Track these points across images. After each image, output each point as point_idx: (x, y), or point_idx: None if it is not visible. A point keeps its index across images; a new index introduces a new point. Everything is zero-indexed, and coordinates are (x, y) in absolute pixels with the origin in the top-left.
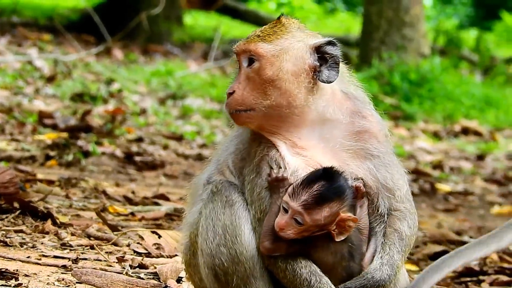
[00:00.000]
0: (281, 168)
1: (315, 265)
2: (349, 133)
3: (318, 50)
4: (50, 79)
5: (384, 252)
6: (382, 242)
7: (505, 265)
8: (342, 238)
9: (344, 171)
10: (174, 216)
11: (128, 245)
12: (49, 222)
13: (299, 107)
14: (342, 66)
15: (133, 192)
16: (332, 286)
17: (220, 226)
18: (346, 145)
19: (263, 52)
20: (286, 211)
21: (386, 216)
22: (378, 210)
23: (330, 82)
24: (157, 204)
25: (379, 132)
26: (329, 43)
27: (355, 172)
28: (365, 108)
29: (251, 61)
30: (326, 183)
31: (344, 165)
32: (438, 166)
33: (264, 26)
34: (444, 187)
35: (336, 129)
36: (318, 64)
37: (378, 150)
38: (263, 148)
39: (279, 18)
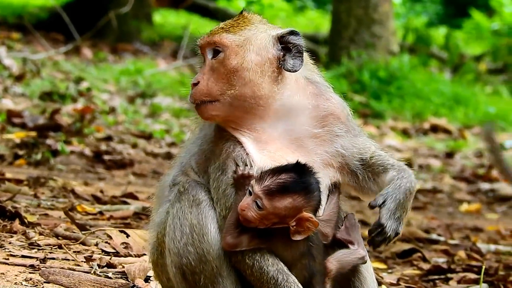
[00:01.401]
0: (246, 165)
1: (282, 263)
2: (315, 119)
3: (281, 40)
4: (19, 78)
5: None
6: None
7: (473, 263)
8: (299, 238)
9: (319, 173)
10: (142, 215)
11: (96, 244)
12: (17, 221)
13: (264, 98)
14: (305, 55)
15: (101, 191)
16: (299, 284)
17: (187, 226)
18: (313, 133)
19: (227, 42)
20: (250, 193)
21: (367, 173)
22: (358, 178)
23: (295, 71)
24: (125, 203)
25: (342, 113)
26: (292, 32)
27: (325, 159)
28: (327, 91)
29: (216, 52)
30: (296, 176)
31: (311, 155)
32: (407, 164)
33: (227, 20)
34: None
35: (302, 116)
36: (282, 53)
37: (343, 130)
38: (229, 146)
39: (241, 12)
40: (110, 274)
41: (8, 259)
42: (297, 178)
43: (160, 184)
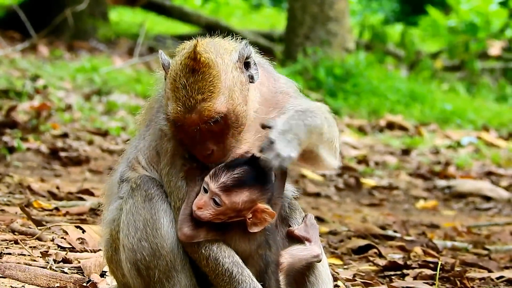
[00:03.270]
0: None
1: (237, 256)
2: (268, 102)
3: (243, 62)
4: None
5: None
6: None
7: (429, 259)
8: (256, 230)
9: (273, 165)
10: (98, 211)
11: (52, 240)
12: None
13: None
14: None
15: (57, 187)
16: (253, 278)
17: (141, 221)
18: (268, 117)
19: (221, 108)
20: (206, 191)
21: None
22: None
23: (257, 79)
24: (81, 199)
25: (290, 89)
26: (242, 49)
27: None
28: (274, 72)
29: (215, 121)
30: (251, 169)
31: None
32: (363, 161)
33: (190, 79)
34: (369, 181)
35: (262, 105)
36: (248, 73)
37: (293, 104)
38: (178, 142)
39: (195, 53)
40: (66, 269)
41: None
42: (251, 171)
43: (109, 182)
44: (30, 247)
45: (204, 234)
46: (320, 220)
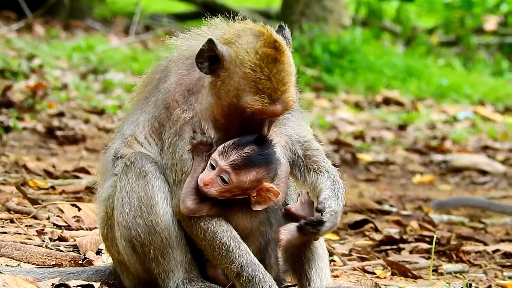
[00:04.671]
0: (204, 133)
1: (236, 232)
2: None
3: None
4: None
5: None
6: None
7: (425, 233)
8: (259, 208)
9: (275, 143)
10: (94, 189)
11: (48, 218)
12: None
13: None
14: None
15: (53, 166)
16: (250, 253)
17: (135, 198)
18: None
19: (296, 97)
20: (213, 168)
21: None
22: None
23: None
24: (77, 177)
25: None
26: (289, 34)
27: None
28: None
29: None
30: (257, 148)
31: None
32: (359, 136)
33: (274, 69)
34: (365, 157)
35: None
36: None
37: (292, 115)
38: (187, 114)
39: (276, 42)
40: (61, 248)
41: None
42: (259, 151)
43: (103, 159)
44: (26, 225)
45: (207, 209)
46: None
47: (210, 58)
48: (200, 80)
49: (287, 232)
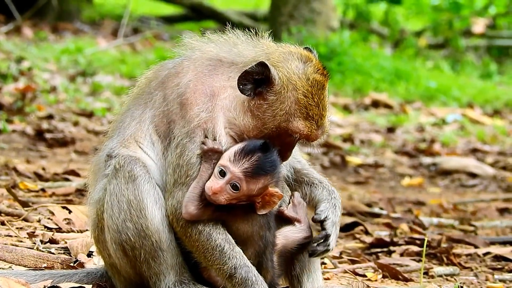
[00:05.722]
0: (215, 140)
1: (230, 236)
2: None
3: None
4: None
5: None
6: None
7: (415, 235)
8: (264, 212)
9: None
10: (84, 192)
11: (39, 221)
12: None
13: None
14: None
15: (43, 169)
16: (244, 255)
17: (124, 202)
18: None
19: None
20: (222, 175)
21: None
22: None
23: None
24: (67, 180)
25: None
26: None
27: None
28: None
29: None
30: (262, 155)
31: None
32: (348, 139)
33: (321, 96)
34: (354, 159)
35: None
36: None
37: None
38: (202, 116)
39: (324, 69)
40: (52, 250)
41: None
42: (264, 158)
43: (95, 159)
44: (17, 228)
45: (209, 215)
46: None
47: (256, 81)
48: (222, 88)
49: (283, 236)
